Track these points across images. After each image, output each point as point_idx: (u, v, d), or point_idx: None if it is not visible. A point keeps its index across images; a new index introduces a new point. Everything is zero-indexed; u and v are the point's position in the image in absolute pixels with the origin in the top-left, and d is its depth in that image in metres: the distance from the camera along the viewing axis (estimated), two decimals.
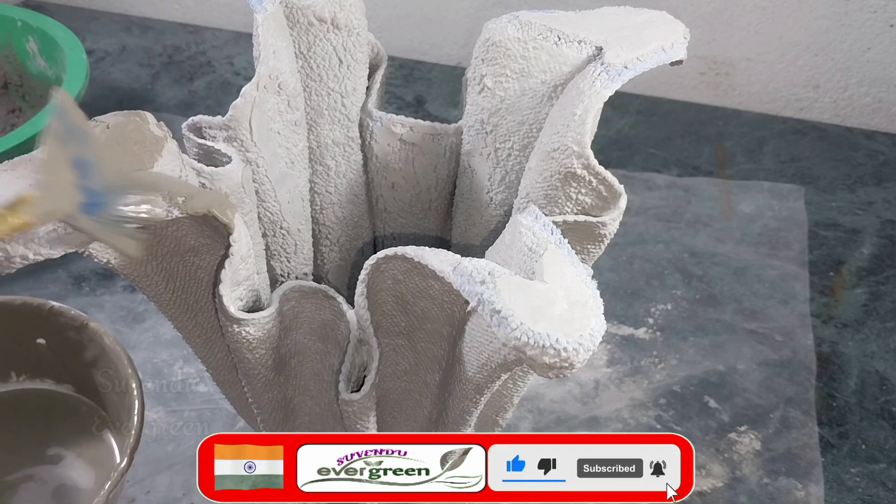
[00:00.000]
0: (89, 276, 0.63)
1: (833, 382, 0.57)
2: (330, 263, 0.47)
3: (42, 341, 0.47)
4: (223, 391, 0.42)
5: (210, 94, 0.82)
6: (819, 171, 0.75)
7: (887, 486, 0.52)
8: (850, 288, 0.64)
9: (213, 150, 0.37)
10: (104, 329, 0.45)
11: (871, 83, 0.79)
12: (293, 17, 0.39)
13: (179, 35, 0.90)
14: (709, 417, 0.55)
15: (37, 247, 0.27)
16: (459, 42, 0.86)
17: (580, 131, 0.33)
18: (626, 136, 0.78)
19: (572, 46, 0.37)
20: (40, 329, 0.46)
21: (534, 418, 0.55)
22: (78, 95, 0.63)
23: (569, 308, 0.28)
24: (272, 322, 0.34)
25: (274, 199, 0.40)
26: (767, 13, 0.77)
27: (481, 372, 0.34)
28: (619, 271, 0.65)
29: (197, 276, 0.34)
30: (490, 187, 0.41)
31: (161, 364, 0.57)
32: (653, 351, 0.59)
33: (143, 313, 0.61)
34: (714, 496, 0.51)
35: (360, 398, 0.36)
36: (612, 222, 0.34)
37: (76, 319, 0.45)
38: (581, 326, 0.28)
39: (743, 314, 0.62)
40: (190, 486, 0.51)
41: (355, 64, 0.41)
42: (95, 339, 0.45)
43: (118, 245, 0.29)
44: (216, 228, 0.31)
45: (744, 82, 0.82)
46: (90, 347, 0.45)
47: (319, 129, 0.42)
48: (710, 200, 0.71)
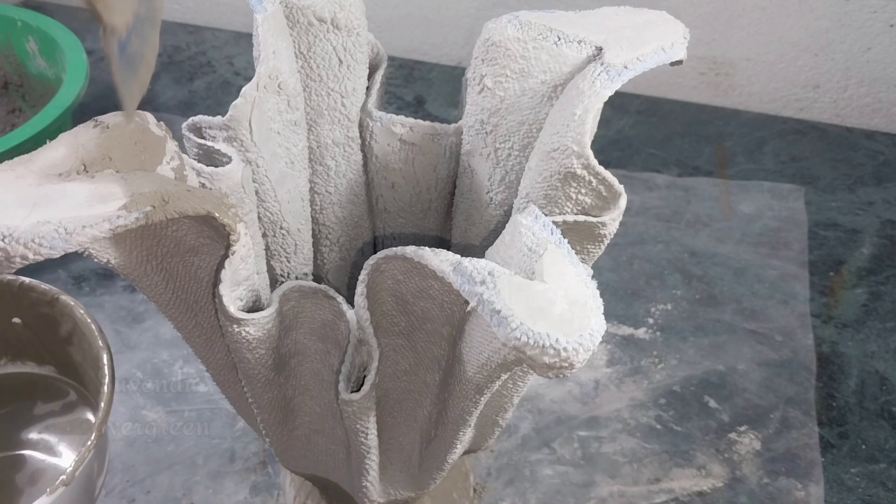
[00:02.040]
0: (89, 276, 0.63)
1: (833, 382, 0.57)
2: (330, 263, 0.47)
3: (17, 320, 0.46)
4: (223, 391, 0.42)
5: (210, 94, 0.82)
6: (819, 171, 0.75)
7: (887, 486, 0.52)
8: (850, 288, 0.64)
9: (212, 150, 0.37)
10: (76, 301, 0.44)
11: (871, 83, 0.79)
12: (293, 18, 0.39)
13: (179, 35, 0.90)
14: (709, 417, 0.55)
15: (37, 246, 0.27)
16: (459, 42, 0.86)
17: (580, 131, 0.33)
18: (626, 136, 0.78)
19: (572, 46, 0.37)
20: (14, 307, 0.46)
21: (534, 418, 0.55)
22: (78, 95, 0.63)
23: (569, 308, 0.28)
24: (272, 322, 0.34)
25: (274, 199, 0.40)
26: (767, 13, 0.77)
27: (481, 372, 0.34)
28: (619, 271, 0.65)
29: (197, 276, 0.34)
30: (490, 187, 0.41)
31: (161, 364, 0.57)
32: (653, 351, 0.59)
33: (143, 313, 0.61)
34: (714, 496, 0.51)
35: (359, 398, 0.36)
36: (612, 222, 0.34)
37: (47, 294, 0.44)
38: (581, 326, 0.27)
39: (743, 314, 0.62)
40: (190, 487, 0.51)
41: (355, 64, 0.41)
42: (67, 312, 0.44)
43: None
44: (216, 228, 0.31)
45: (744, 82, 0.82)
46: (63, 322, 0.45)
47: (319, 129, 0.42)
48: (710, 200, 0.71)
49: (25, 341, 0.47)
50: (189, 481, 0.51)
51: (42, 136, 0.59)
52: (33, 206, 0.27)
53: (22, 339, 0.47)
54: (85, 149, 0.30)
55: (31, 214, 0.27)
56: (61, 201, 0.28)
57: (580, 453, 0.53)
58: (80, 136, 0.31)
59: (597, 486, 0.52)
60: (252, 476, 0.52)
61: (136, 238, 0.31)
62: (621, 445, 0.54)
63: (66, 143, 0.31)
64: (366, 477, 0.40)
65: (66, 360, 0.46)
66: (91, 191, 0.28)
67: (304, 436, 0.41)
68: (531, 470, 0.52)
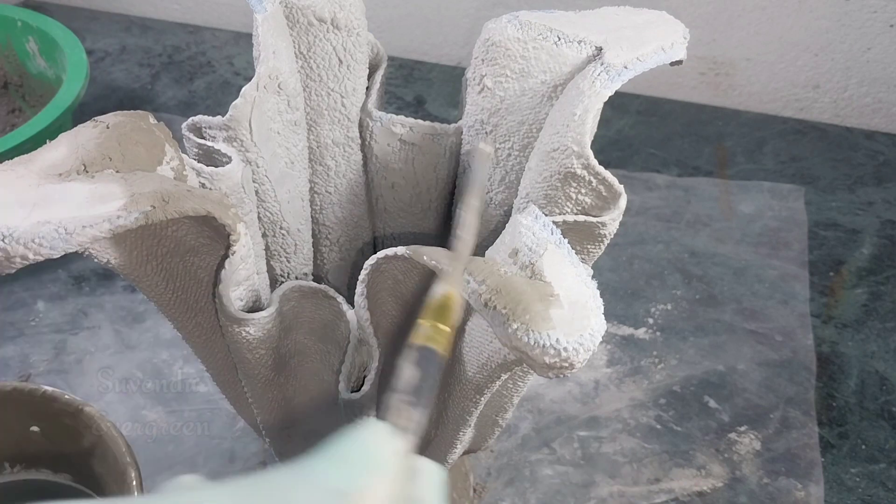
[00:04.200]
0: (89, 276, 0.63)
1: (833, 382, 0.57)
2: (330, 263, 0.47)
3: (36, 429, 0.43)
4: (223, 391, 0.42)
5: (210, 94, 0.82)
6: (819, 171, 0.75)
7: (887, 486, 0.52)
8: (850, 288, 0.64)
9: (212, 150, 0.37)
10: (100, 414, 0.41)
11: (871, 83, 0.79)
12: (293, 18, 0.39)
13: (179, 35, 0.90)
14: (709, 417, 0.55)
15: (37, 246, 0.27)
16: (459, 42, 0.86)
17: (580, 131, 0.33)
18: (626, 136, 0.78)
19: (572, 46, 0.37)
20: (34, 416, 0.43)
21: (534, 418, 0.55)
22: (78, 95, 0.63)
23: (569, 308, 0.28)
24: (272, 322, 0.34)
25: (274, 199, 0.40)
26: (767, 13, 0.77)
27: (481, 372, 0.34)
28: (619, 271, 0.65)
29: (197, 276, 0.34)
30: (490, 187, 0.41)
31: (161, 364, 0.57)
32: (653, 351, 0.59)
33: (143, 313, 0.61)
34: (714, 496, 0.51)
35: (359, 398, 0.36)
36: (612, 222, 0.34)
37: (70, 405, 0.42)
38: (581, 326, 0.28)
39: (743, 314, 0.62)
40: None
41: (355, 64, 0.41)
42: (91, 424, 0.41)
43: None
44: (216, 228, 0.31)
45: (744, 82, 0.82)
46: (87, 434, 0.42)
47: (319, 129, 0.42)
48: (710, 200, 0.71)
49: (42, 450, 0.44)
50: None
51: (42, 136, 0.59)
52: (33, 206, 0.27)
53: (39, 447, 0.44)
54: (85, 149, 0.30)
55: (31, 214, 0.27)
56: (61, 201, 0.28)
57: (580, 453, 0.53)
58: (80, 136, 0.31)
59: (597, 486, 0.52)
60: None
61: (136, 238, 0.31)
62: (621, 445, 0.54)
63: (66, 143, 0.31)
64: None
65: (86, 470, 0.43)
66: (91, 191, 0.28)
67: (304, 436, 0.41)
68: (531, 470, 0.52)
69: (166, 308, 0.36)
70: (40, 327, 0.60)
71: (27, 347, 0.59)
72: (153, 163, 0.32)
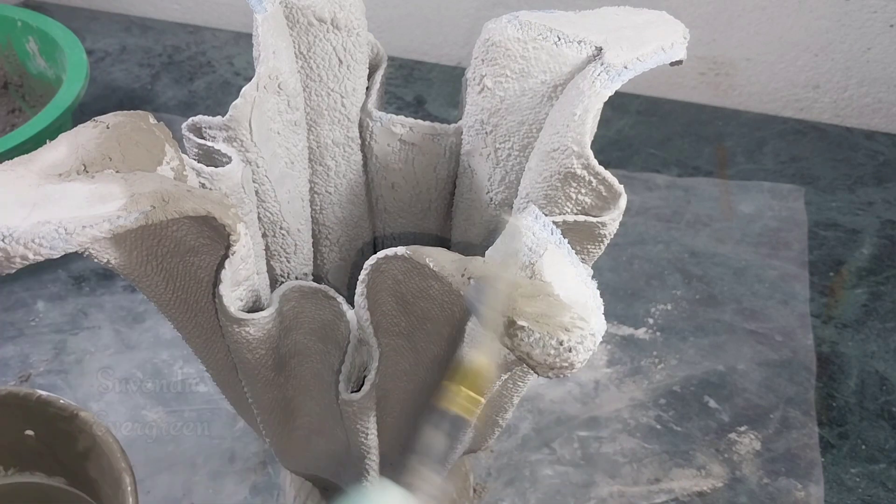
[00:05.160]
0: (89, 276, 0.63)
1: (833, 382, 0.57)
2: (330, 263, 0.47)
3: (31, 432, 0.43)
4: (223, 391, 0.42)
5: (210, 94, 0.82)
6: (819, 172, 0.75)
7: (887, 487, 0.52)
8: (850, 288, 0.64)
9: (212, 150, 0.37)
10: (95, 419, 0.41)
11: (871, 83, 0.79)
12: (293, 18, 0.39)
13: (179, 35, 0.90)
14: (709, 417, 0.55)
15: (37, 247, 0.27)
16: (459, 42, 0.86)
17: (580, 131, 0.33)
18: (626, 136, 0.78)
19: (572, 46, 0.37)
20: (28, 420, 0.43)
21: (534, 418, 0.55)
22: (78, 95, 0.63)
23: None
24: (272, 322, 0.34)
25: (274, 200, 0.40)
26: (767, 13, 0.77)
27: None
28: (619, 271, 0.65)
29: (197, 276, 0.34)
30: (490, 187, 0.41)
31: (161, 364, 0.57)
32: (653, 351, 0.59)
33: (143, 313, 0.61)
34: (714, 496, 0.51)
35: (360, 398, 0.35)
36: (612, 222, 0.34)
37: (65, 409, 0.42)
38: (581, 326, 0.27)
39: (743, 314, 0.62)
40: (190, 487, 0.51)
41: (355, 64, 0.41)
42: (86, 429, 0.41)
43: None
44: (216, 228, 0.31)
45: (744, 82, 0.82)
46: (81, 438, 0.42)
47: (319, 129, 0.42)
48: (710, 200, 0.71)
49: (36, 453, 0.44)
50: (189, 481, 0.51)
51: (42, 136, 0.59)
52: (33, 207, 0.27)
53: (33, 451, 0.44)
54: (85, 149, 0.30)
55: (31, 214, 0.27)
56: (61, 201, 0.28)
57: (580, 453, 0.53)
58: (80, 136, 0.31)
59: (597, 486, 0.52)
60: (252, 476, 0.52)
61: (136, 238, 0.31)
62: (621, 445, 0.54)
63: (66, 143, 0.31)
64: (366, 477, 0.40)
65: (80, 474, 0.44)
66: (91, 191, 0.28)
67: (304, 436, 0.41)
68: (531, 470, 0.52)
69: (166, 308, 0.36)
70: (40, 327, 0.60)
71: (27, 347, 0.59)
72: (153, 163, 0.32)
